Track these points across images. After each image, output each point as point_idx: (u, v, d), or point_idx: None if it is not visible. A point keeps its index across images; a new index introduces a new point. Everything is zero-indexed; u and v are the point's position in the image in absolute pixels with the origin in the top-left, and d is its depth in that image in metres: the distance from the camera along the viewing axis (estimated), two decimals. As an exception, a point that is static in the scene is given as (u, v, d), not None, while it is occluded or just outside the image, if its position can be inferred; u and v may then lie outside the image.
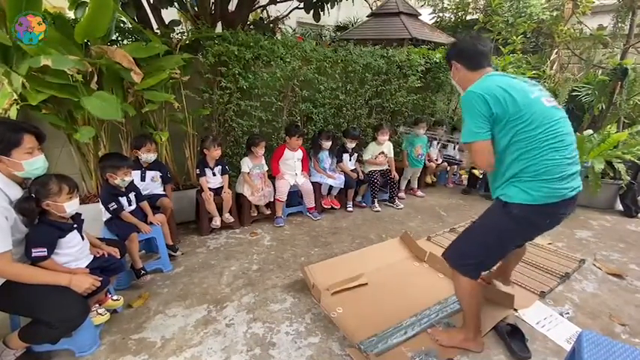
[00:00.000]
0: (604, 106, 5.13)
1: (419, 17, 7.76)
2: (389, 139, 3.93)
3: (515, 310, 2.06)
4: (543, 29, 6.14)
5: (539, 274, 2.52)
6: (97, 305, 1.81)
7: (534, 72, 5.72)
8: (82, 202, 2.83)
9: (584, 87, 5.56)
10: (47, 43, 2.38)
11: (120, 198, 2.30)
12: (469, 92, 1.47)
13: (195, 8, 4.48)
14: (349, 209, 3.77)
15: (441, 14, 8.99)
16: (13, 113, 2.27)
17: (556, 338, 1.82)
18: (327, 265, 2.48)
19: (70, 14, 3.10)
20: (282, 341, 1.81)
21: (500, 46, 5.85)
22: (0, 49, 2.36)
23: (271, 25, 5.40)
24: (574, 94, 6.05)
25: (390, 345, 1.74)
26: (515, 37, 5.38)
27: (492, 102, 1.42)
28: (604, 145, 3.98)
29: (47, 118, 2.56)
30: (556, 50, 6.19)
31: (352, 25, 9.25)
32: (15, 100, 2.27)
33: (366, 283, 2.29)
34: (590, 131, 4.47)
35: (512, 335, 1.84)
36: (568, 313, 2.07)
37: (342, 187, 3.63)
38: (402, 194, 4.29)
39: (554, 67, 6.20)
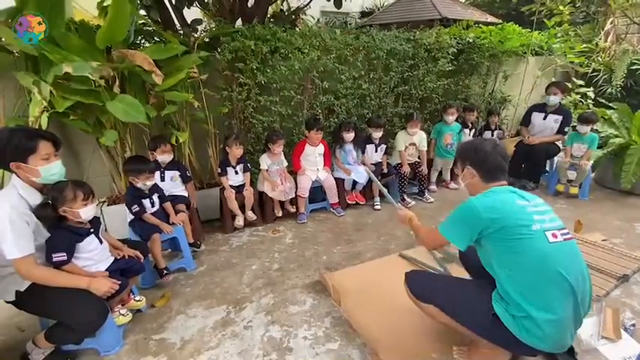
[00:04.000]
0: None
1: (450, -5, 7.25)
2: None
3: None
4: (595, -4, 5.44)
5: (593, 276, 2.22)
6: (120, 306, 1.85)
7: (585, 45, 5.11)
8: (113, 202, 2.96)
9: (646, 59, 4.87)
10: (71, 50, 2.47)
11: (143, 200, 2.34)
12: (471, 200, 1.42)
13: (217, 5, 4.49)
14: (377, 207, 3.55)
15: (475, -10, 8.34)
16: (44, 121, 2.36)
17: (611, 356, 1.57)
18: (347, 274, 2.35)
19: (94, 21, 3.20)
20: (300, 346, 1.74)
21: (545, 19, 5.29)
22: (29, 59, 2.48)
23: (292, 16, 5.28)
24: (633, 67, 5.34)
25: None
26: (561, 7, 4.80)
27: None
28: (672, 125, 3.46)
29: (76, 124, 2.66)
30: (611, 19, 5.47)
31: (378, 10, 8.87)
32: (45, 107, 2.37)
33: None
34: (654, 109, 3.90)
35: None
36: (634, 326, 1.78)
37: (366, 182, 3.47)
38: (432, 187, 4.04)
39: (609, 39, 5.49)
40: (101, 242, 1.74)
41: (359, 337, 1.79)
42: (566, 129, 3.80)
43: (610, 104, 4.18)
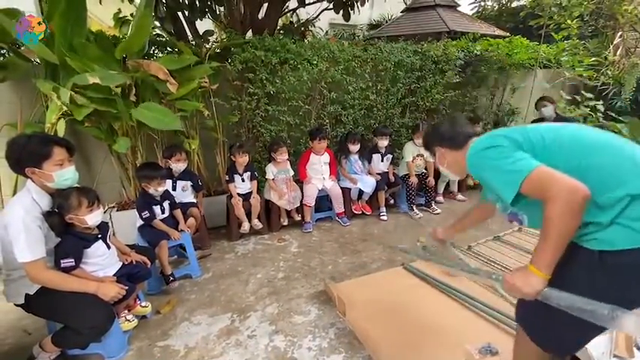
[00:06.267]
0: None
1: (457, 8, 7.33)
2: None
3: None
4: (603, 10, 5.45)
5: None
6: (126, 311, 1.86)
7: (594, 59, 5.09)
8: (122, 208, 3.00)
9: (656, 73, 4.84)
10: (90, 59, 2.54)
11: (154, 206, 2.38)
12: (473, 152, 1.18)
13: (228, 17, 4.61)
14: (382, 217, 3.53)
15: (482, 3, 8.43)
16: (60, 127, 2.42)
17: (625, 374, 1.53)
18: (352, 285, 2.33)
19: (110, 31, 3.30)
20: (304, 357, 1.73)
21: (553, 33, 5.30)
22: (48, 67, 2.56)
23: (301, 28, 5.39)
24: (644, 81, 5.30)
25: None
26: (569, 21, 4.81)
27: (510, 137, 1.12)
28: (685, 140, 3.40)
29: (90, 131, 2.72)
30: (620, 33, 5.46)
31: (386, 23, 8.98)
32: (63, 114, 2.42)
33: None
34: (666, 123, 3.86)
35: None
36: None
37: (373, 191, 3.47)
38: (440, 198, 4.01)
39: (618, 53, 5.48)
40: (109, 247, 1.76)
41: (364, 348, 1.76)
42: None
43: (620, 118, 4.14)
